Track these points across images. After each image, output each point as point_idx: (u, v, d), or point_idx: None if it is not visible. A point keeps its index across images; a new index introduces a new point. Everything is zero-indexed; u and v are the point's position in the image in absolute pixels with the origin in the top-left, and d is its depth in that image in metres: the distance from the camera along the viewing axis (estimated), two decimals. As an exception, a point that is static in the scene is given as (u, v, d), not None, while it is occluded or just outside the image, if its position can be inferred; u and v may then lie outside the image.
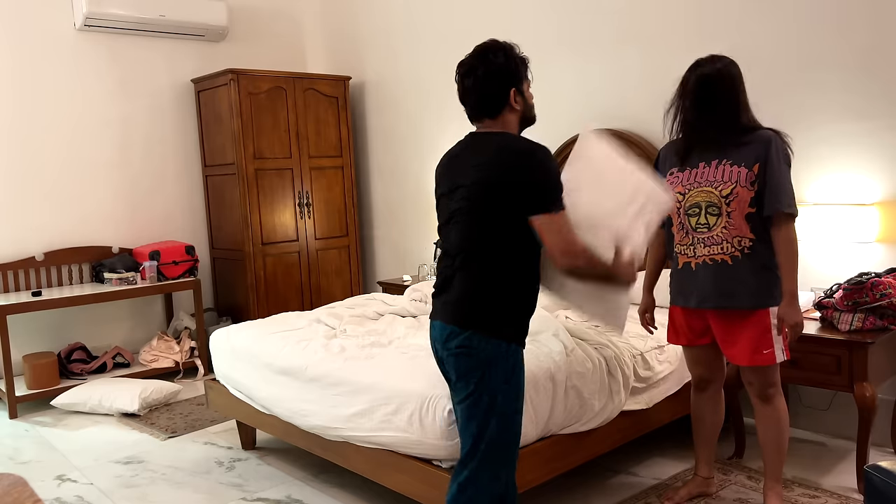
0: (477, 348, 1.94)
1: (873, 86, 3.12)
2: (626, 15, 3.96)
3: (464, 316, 1.97)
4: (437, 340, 2.06)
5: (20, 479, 1.85)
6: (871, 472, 1.77)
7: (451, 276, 2.02)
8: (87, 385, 4.30)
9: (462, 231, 1.99)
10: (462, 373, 1.97)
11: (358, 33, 5.72)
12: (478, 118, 2.08)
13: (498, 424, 1.95)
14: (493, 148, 1.97)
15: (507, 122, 2.06)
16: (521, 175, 1.91)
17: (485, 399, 1.95)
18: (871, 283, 2.76)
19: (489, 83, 2.02)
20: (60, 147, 4.85)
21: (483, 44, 2.08)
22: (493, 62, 2.03)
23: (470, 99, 2.07)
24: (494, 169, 1.93)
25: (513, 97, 2.04)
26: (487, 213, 1.94)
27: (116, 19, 4.87)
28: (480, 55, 2.05)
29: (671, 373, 2.99)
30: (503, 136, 2.01)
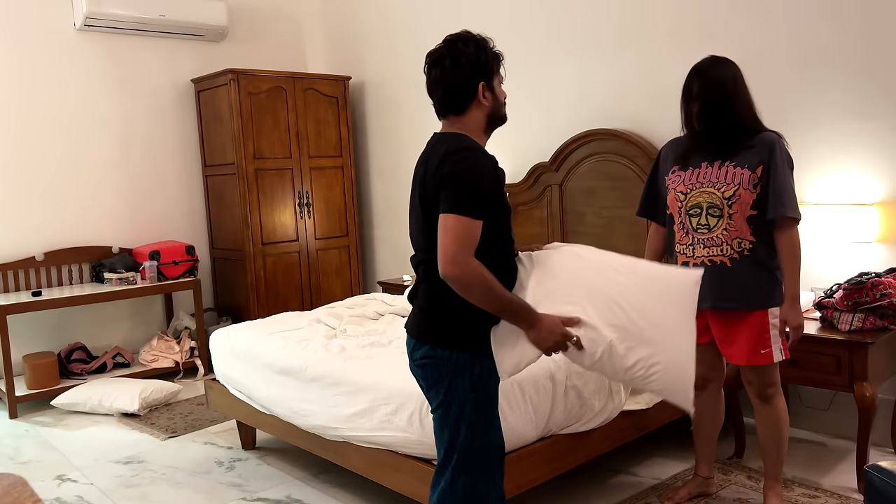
0: (440, 358, 1.87)
1: (873, 86, 3.12)
2: (625, 15, 3.96)
3: (424, 328, 1.92)
4: (408, 351, 2.01)
5: (20, 479, 1.85)
6: (871, 472, 1.77)
7: (419, 283, 1.96)
8: (87, 385, 4.30)
9: (418, 242, 1.93)
10: (430, 383, 1.92)
11: (358, 33, 5.72)
12: (443, 113, 1.96)
13: (468, 433, 1.88)
14: (440, 150, 1.85)
15: (474, 120, 1.95)
16: (444, 175, 1.79)
17: (454, 408, 1.88)
18: (871, 283, 2.76)
19: (457, 74, 1.89)
20: (60, 147, 4.85)
21: (454, 34, 1.95)
22: (462, 52, 1.90)
23: (436, 91, 1.94)
24: (430, 173, 1.83)
25: (481, 92, 1.92)
26: (431, 218, 1.84)
27: (116, 19, 4.87)
28: (450, 45, 1.92)
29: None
30: (453, 138, 1.88)
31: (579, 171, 4.14)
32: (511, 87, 4.60)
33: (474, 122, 1.95)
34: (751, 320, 2.41)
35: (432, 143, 1.93)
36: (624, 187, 3.94)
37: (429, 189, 1.83)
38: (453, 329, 1.87)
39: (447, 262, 1.75)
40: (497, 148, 4.70)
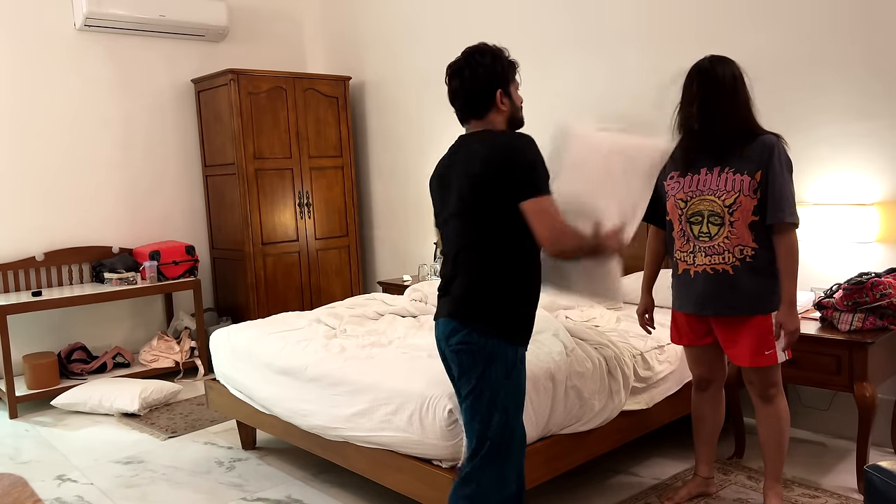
0: (477, 344, 1.97)
1: (874, 86, 3.12)
2: (626, 16, 3.96)
3: (464, 312, 2.00)
4: (440, 338, 2.09)
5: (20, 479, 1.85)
6: (871, 472, 1.78)
7: (453, 276, 2.05)
8: (87, 385, 4.31)
9: (458, 231, 2.04)
10: (464, 369, 2.00)
11: (358, 33, 5.72)
12: (465, 119, 2.14)
13: (500, 420, 1.97)
14: (476, 146, 2.02)
15: (494, 124, 2.09)
16: (503, 166, 1.93)
17: (486, 394, 1.97)
18: (871, 283, 2.76)
19: (475, 84, 2.07)
20: (61, 147, 4.85)
21: (471, 46, 2.13)
22: (479, 63, 2.07)
23: (457, 100, 2.12)
24: (478, 165, 1.97)
25: (499, 98, 2.07)
26: (478, 210, 1.98)
27: (116, 19, 4.87)
28: (468, 57, 2.09)
29: (671, 373, 2.99)
30: (485, 133, 2.05)
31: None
32: (511, 87, 4.61)
33: (495, 125, 2.10)
34: (754, 323, 2.42)
35: (467, 140, 2.08)
36: (624, 187, 3.93)
37: (482, 180, 1.95)
38: (493, 316, 1.99)
39: (558, 238, 1.92)
40: (497, 148, 4.70)
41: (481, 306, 2.00)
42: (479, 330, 1.98)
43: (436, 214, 2.19)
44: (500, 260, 1.99)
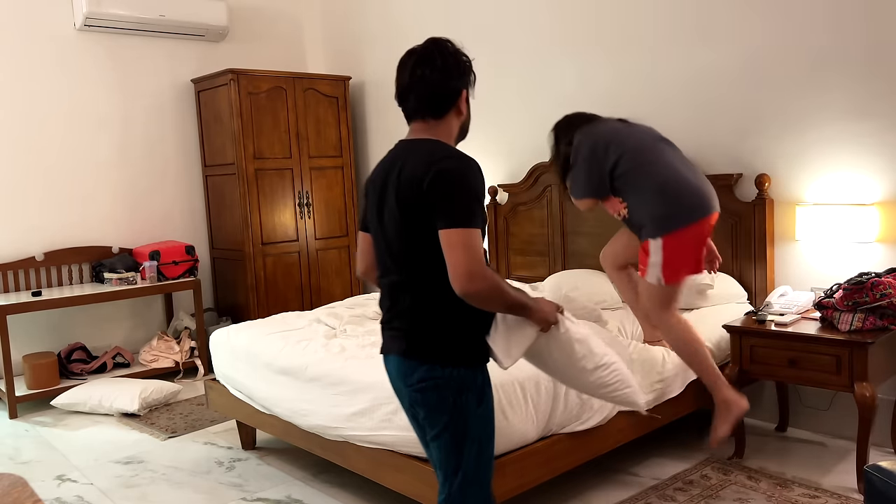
0: (442, 378, 1.77)
1: (873, 86, 3.12)
2: (626, 15, 3.96)
3: (419, 347, 1.79)
4: (395, 377, 1.87)
5: (20, 479, 1.85)
6: (871, 472, 1.78)
7: (398, 307, 1.84)
8: (87, 385, 4.30)
9: (399, 255, 1.80)
10: (432, 407, 1.79)
11: (358, 33, 5.72)
12: (420, 117, 1.85)
13: (475, 451, 1.82)
14: (420, 159, 1.75)
15: (450, 127, 1.86)
16: (437, 187, 1.70)
17: (460, 427, 1.79)
18: (871, 283, 2.76)
19: (446, 77, 1.81)
20: (61, 147, 4.85)
21: (436, 38, 1.88)
22: (452, 56, 1.84)
23: (419, 91, 1.82)
24: (420, 185, 1.72)
25: (463, 99, 1.87)
26: (421, 232, 1.74)
27: (116, 19, 4.87)
28: (438, 46, 1.84)
29: (675, 375, 2.98)
30: (433, 145, 1.79)
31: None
32: (512, 87, 4.62)
33: (450, 129, 1.87)
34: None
35: (407, 148, 1.83)
36: (624, 187, 3.93)
37: (415, 201, 1.73)
38: (454, 345, 1.79)
39: (469, 279, 1.67)
40: (498, 148, 4.70)
41: (436, 337, 1.79)
42: (442, 362, 1.77)
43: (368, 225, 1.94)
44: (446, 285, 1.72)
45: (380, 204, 1.84)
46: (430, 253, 1.73)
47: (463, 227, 1.68)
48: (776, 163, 3.44)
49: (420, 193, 1.72)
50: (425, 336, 1.79)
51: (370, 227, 1.92)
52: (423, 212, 1.72)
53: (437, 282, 1.74)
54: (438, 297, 1.76)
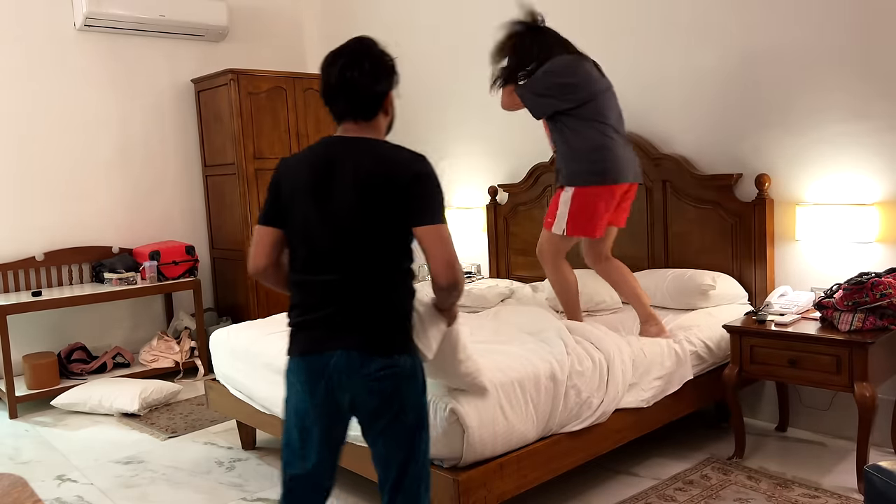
0: (398, 366, 1.82)
1: (873, 86, 3.12)
2: (625, 14, 3.96)
3: (380, 338, 1.82)
4: (343, 370, 1.80)
5: (20, 479, 1.85)
6: (871, 472, 1.78)
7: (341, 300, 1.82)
8: (87, 385, 4.31)
9: (353, 251, 1.80)
10: (386, 396, 1.82)
11: (358, 33, 5.69)
12: (351, 117, 1.87)
13: (425, 437, 1.89)
14: (381, 159, 1.80)
15: (380, 126, 1.90)
16: (419, 187, 1.77)
17: (411, 417, 1.85)
18: (871, 283, 2.76)
19: (375, 78, 1.85)
20: (61, 147, 4.85)
21: (362, 38, 1.91)
22: (380, 57, 1.88)
23: (348, 94, 1.84)
24: (397, 183, 1.77)
25: (390, 100, 1.92)
26: (383, 229, 1.79)
27: (116, 19, 4.87)
28: (365, 47, 1.88)
29: (672, 372, 2.99)
30: (389, 146, 1.85)
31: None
32: (511, 87, 4.59)
33: (380, 128, 1.91)
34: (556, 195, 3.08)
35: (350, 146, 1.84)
36: (624, 187, 3.93)
37: (390, 200, 1.77)
38: (403, 334, 1.86)
39: (452, 270, 1.77)
40: (498, 148, 4.70)
41: (391, 328, 1.83)
42: (397, 351, 1.82)
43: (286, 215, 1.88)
44: (398, 278, 1.84)
45: (317, 201, 1.81)
46: (387, 249, 1.81)
47: (442, 223, 1.79)
48: (776, 163, 3.44)
49: (397, 193, 1.76)
50: (383, 327, 1.82)
51: (291, 224, 1.87)
52: (394, 210, 1.77)
53: (391, 276, 1.82)
54: (391, 290, 1.83)
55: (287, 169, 1.89)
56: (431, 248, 1.77)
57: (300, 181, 1.85)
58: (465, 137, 4.88)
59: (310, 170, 1.84)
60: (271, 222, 1.89)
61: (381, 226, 1.79)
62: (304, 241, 1.85)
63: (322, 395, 1.84)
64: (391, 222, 1.79)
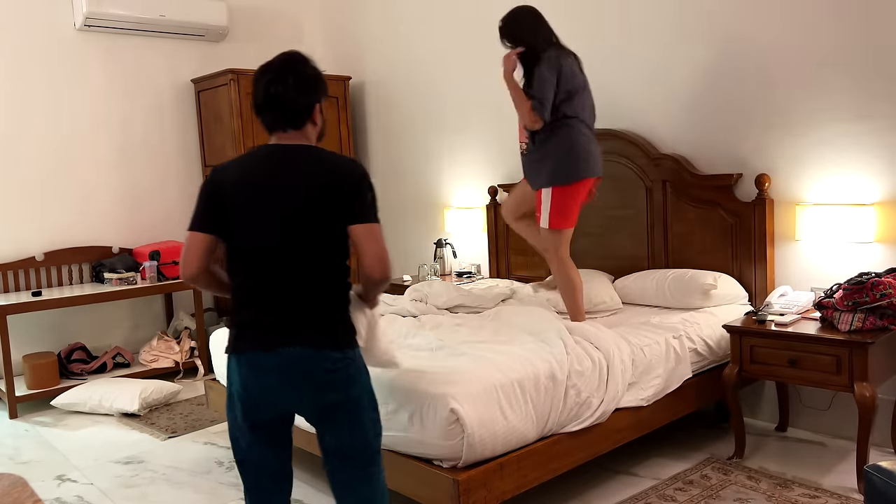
0: (350, 359, 1.94)
1: (873, 86, 3.12)
2: (626, 15, 3.96)
3: (332, 334, 1.92)
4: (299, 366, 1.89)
5: (20, 479, 1.85)
6: (871, 472, 1.78)
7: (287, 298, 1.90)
8: (87, 385, 4.31)
9: (302, 251, 1.89)
10: (342, 386, 1.92)
11: (358, 33, 5.72)
12: (281, 128, 1.98)
13: (377, 420, 2.02)
14: (320, 163, 1.92)
15: (309, 135, 2.02)
16: (355, 189, 1.90)
17: (364, 403, 1.97)
18: (871, 283, 2.76)
19: (300, 92, 1.97)
20: (61, 147, 4.85)
21: (290, 53, 2.03)
22: (304, 72, 2.00)
23: (274, 108, 1.96)
24: (329, 184, 1.89)
25: (317, 111, 2.02)
26: (325, 227, 1.89)
27: (116, 19, 4.87)
28: (290, 63, 2.00)
29: (672, 370, 2.99)
30: (324, 152, 1.96)
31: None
32: (511, 87, 4.59)
33: (309, 137, 2.02)
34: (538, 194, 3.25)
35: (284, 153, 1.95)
36: (624, 187, 3.94)
37: (333, 203, 1.88)
38: (349, 328, 1.98)
39: (386, 264, 1.91)
40: (498, 148, 4.70)
41: (342, 323, 1.96)
42: (347, 345, 1.94)
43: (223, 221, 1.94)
44: (339, 277, 1.95)
45: (259, 206, 1.90)
46: (330, 248, 1.92)
47: (376, 221, 1.93)
48: (776, 163, 3.44)
49: (338, 195, 1.88)
50: (333, 323, 1.93)
51: (232, 229, 1.93)
52: (335, 211, 1.89)
53: (334, 273, 1.94)
54: (336, 286, 1.95)
55: (224, 176, 1.96)
56: (366, 245, 1.89)
57: (241, 187, 1.93)
58: (466, 138, 4.88)
59: (251, 176, 1.93)
60: (204, 228, 1.95)
61: (324, 226, 1.89)
62: (248, 245, 1.92)
63: (274, 391, 1.91)
64: (333, 222, 1.89)
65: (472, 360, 2.61)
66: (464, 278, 4.69)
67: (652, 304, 3.58)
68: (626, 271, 3.87)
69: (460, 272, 4.79)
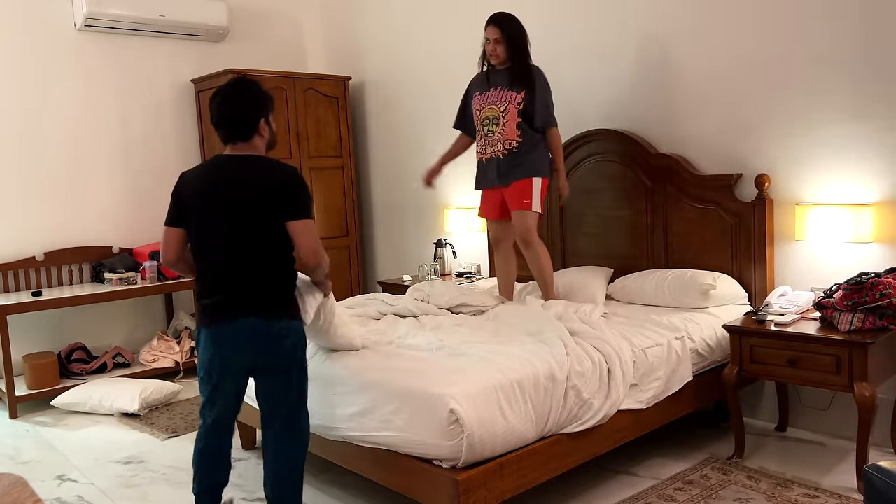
0: (292, 328, 2.42)
1: (872, 87, 3.12)
2: (625, 15, 3.96)
3: (279, 306, 2.40)
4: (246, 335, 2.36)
5: (20, 479, 1.85)
6: (871, 472, 1.78)
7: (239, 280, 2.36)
8: (87, 385, 4.31)
9: (248, 242, 2.35)
10: (285, 350, 2.41)
11: (358, 33, 5.72)
12: (232, 141, 2.42)
13: (305, 379, 2.52)
14: (263, 171, 2.37)
15: (257, 146, 2.44)
16: (290, 191, 2.34)
17: (297, 366, 2.47)
18: (870, 283, 2.76)
19: (244, 111, 2.39)
20: (61, 147, 4.85)
21: (237, 77, 2.46)
22: (246, 93, 2.41)
23: (226, 124, 2.40)
24: (274, 189, 2.33)
25: (262, 126, 2.43)
26: (268, 222, 2.34)
27: (116, 19, 4.87)
28: (236, 87, 2.41)
29: (672, 373, 2.99)
30: (266, 162, 2.40)
31: (579, 171, 4.14)
32: (511, 87, 4.58)
33: (257, 147, 2.45)
34: (521, 184, 3.51)
35: (234, 162, 2.40)
36: (624, 187, 3.94)
37: (271, 203, 2.32)
38: (292, 304, 2.45)
39: (318, 253, 2.38)
40: (497, 148, 4.69)
41: (283, 299, 2.41)
42: (290, 316, 2.42)
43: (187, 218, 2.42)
44: (283, 261, 2.41)
45: (215, 205, 2.36)
46: (272, 240, 2.36)
47: (308, 218, 2.37)
48: (776, 163, 3.44)
49: (275, 195, 2.33)
50: (277, 299, 2.40)
51: (191, 224, 2.42)
52: (276, 209, 2.33)
53: (279, 260, 2.40)
54: (280, 271, 2.42)
55: (187, 181, 2.46)
56: (300, 238, 2.36)
57: (198, 190, 2.41)
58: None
59: (205, 181, 2.41)
60: (175, 224, 2.47)
61: (265, 222, 2.34)
62: (206, 239, 2.41)
63: (231, 355, 2.40)
64: (272, 219, 2.34)
65: (472, 360, 2.61)
66: (464, 278, 4.69)
67: (651, 304, 3.59)
68: (625, 271, 3.87)
69: (460, 272, 4.79)
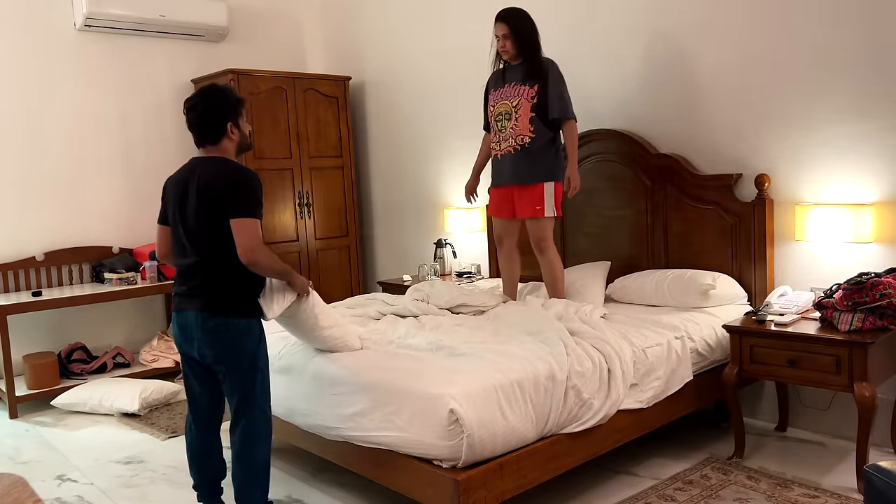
0: (231, 325, 2.46)
1: (872, 87, 3.12)
2: (625, 16, 3.96)
3: (218, 303, 2.46)
4: (192, 326, 2.49)
5: (20, 479, 1.85)
6: (871, 472, 1.78)
7: (198, 276, 2.48)
8: (88, 385, 4.31)
9: (198, 240, 2.47)
10: (222, 347, 2.47)
11: (358, 33, 5.72)
12: (202, 144, 2.59)
13: (260, 378, 2.56)
14: (213, 172, 2.48)
15: (226, 149, 2.59)
16: (229, 190, 2.42)
17: (245, 363, 2.50)
18: (870, 283, 2.76)
19: (210, 117, 2.54)
20: (61, 147, 4.85)
21: (205, 85, 2.60)
22: (212, 100, 2.54)
23: (194, 129, 2.58)
24: (216, 189, 2.43)
25: (229, 130, 2.57)
26: (216, 225, 2.43)
27: (116, 19, 4.87)
28: (203, 95, 2.56)
29: (672, 372, 2.99)
30: (221, 163, 2.52)
31: (580, 171, 4.14)
32: (511, 87, 4.58)
33: (227, 150, 2.60)
34: (533, 188, 3.48)
35: (200, 164, 2.54)
36: (624, 187, 3.94)
37: (218, 203, 2.42)
38: (236, 301, 2.49)
39: (252, 252, 2.39)
40: (497, 148, 4.69)
41: (224, 296, 2.47)
42: (231, 314, 2.47)
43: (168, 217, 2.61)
44: (230, 259, 2.43)
45: (181, 204, 2.52)
46: (221, 237, 2.43)
47: (246, 217, 2.42)
48: (776, 163, 3.44)
49: (218, 194, 2.42)
50: (217, 295, 2.47)
51: (169, 222, 2.60)
52: (219, 208, 2.42)
53: (225, 257, 2.44)
54: (226, 268, 2.46)
55: (167, 182, 2.66)
56: (237, 235, 2.41)
57: (173, 190, 2.58)
58: (466, 138, 4.88)
59: (177, 182, 2.58)
60: (162, 222, 2.67)
61: (212, 220, 2.44)
62: (175, 235, 2.57)
63: (182, 344, 2.58)
64: (218, 217, 2.43)
65: (472, 360, 2.61)
66: (464, 278, 4.69)
67: (651, 303, 3.59)
68: (625, 271, 3.87)
69: (460, 272, 4.79)
